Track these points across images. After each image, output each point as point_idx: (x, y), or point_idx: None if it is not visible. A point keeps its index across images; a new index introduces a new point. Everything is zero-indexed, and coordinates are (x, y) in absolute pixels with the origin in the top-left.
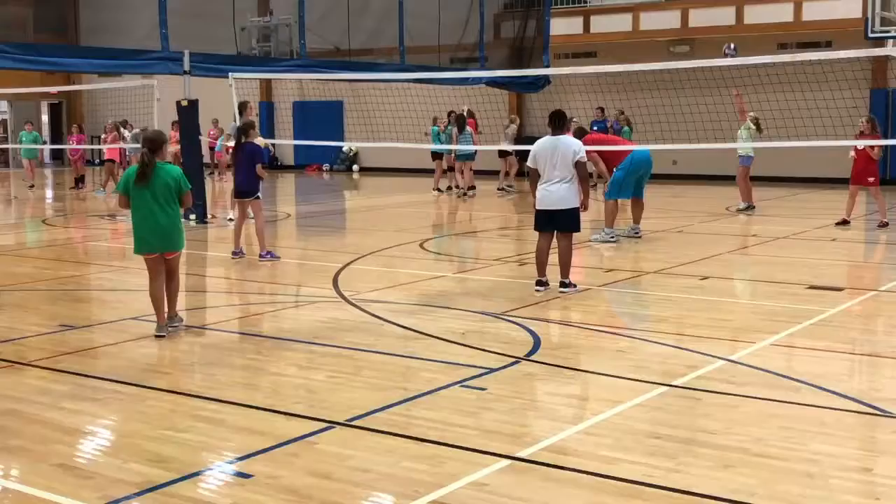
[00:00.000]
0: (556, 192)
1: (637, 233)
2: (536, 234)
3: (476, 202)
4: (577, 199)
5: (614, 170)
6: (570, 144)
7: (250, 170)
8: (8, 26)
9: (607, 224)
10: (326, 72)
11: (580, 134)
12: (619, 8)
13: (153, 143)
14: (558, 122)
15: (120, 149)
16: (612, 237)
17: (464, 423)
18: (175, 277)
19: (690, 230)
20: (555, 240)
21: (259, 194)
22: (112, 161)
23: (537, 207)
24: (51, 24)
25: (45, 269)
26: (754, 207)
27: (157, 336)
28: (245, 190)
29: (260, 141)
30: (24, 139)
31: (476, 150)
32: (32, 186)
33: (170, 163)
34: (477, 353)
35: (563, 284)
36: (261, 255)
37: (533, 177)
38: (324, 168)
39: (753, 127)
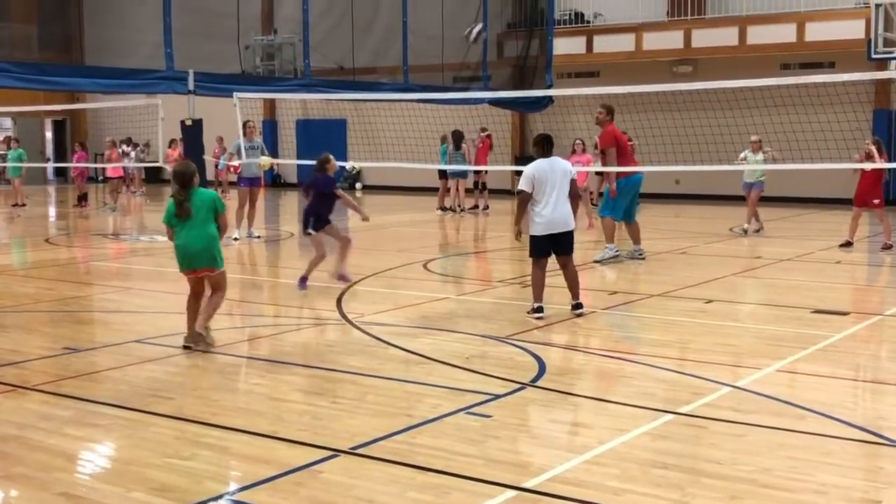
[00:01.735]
0: (560, 216)
1: (640, 254)
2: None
3: (479, 222)
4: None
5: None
6: (565, 165)
7: (317, 203)
8: (12, 45)
9: (608, 240)
10: (330, 91)
11: (609, 112)
12: (622, 28)
13: (183, 177)
14: (548, 146)
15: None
16: (616, 252)
17: (469, 452)
18: (218, 292)
19: (694, 251)
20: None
21: (311, 230)
22: (118, 178)
23: (540, 233)
24: (55, 43)
25: (48, 290)
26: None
27: (184, 346)
28: (308, 219)
29: (266, 160)
30: (11, 157)
31: (468, 170)
32: (16, 205)
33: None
34: (481, 378)
35: (578, 307)
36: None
37: (525, 202)
38: None
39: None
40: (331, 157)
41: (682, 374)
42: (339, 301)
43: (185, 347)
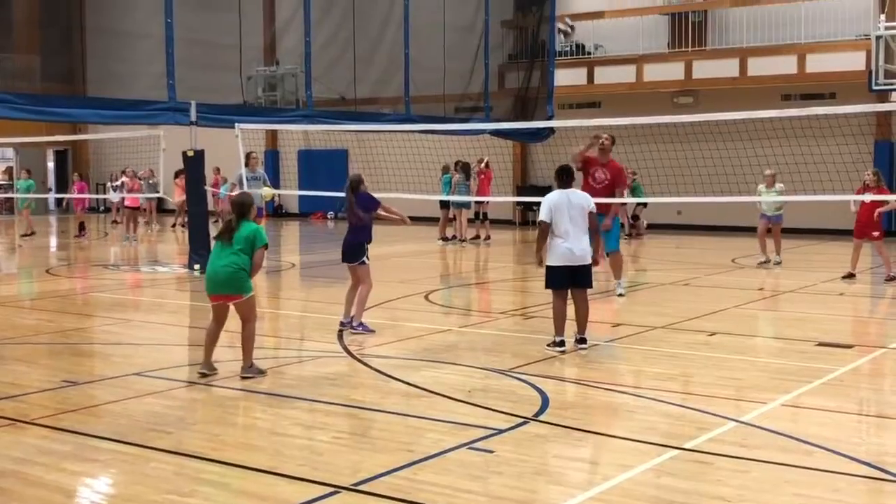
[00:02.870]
0: (577, 248)
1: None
2: (541, 286)
3: (480, 252)
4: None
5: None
6: (582, 196)
7: (359, 229)
8: (15, 76)
9: (620, 276)
10: (332, 122)
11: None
12: (623, 59)
13: (242, 207)
14: (566, 177)
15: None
16: (626, 285)
17: (472, 489)
18: (247, 325)
19: (697, 283)
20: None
21: (365, 259)
22: (134, 209)
23: (556, 264)
24: (58, 75)
25: (49, 322)
26: (769, 261)
27: (199, 373)
28: (348, 252)
29: (268, 191)
30: (20, 187)
31: (470, 200)
32: (24, 235)
33: (252, 220)
34: (484, 412)
35: (582, 341)
36: (353, 326)
37: (545, 231)
38: (328, 216)
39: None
40: (361, 177)
41: (686, 409)
42: (340, 333)
43: (201, 374)
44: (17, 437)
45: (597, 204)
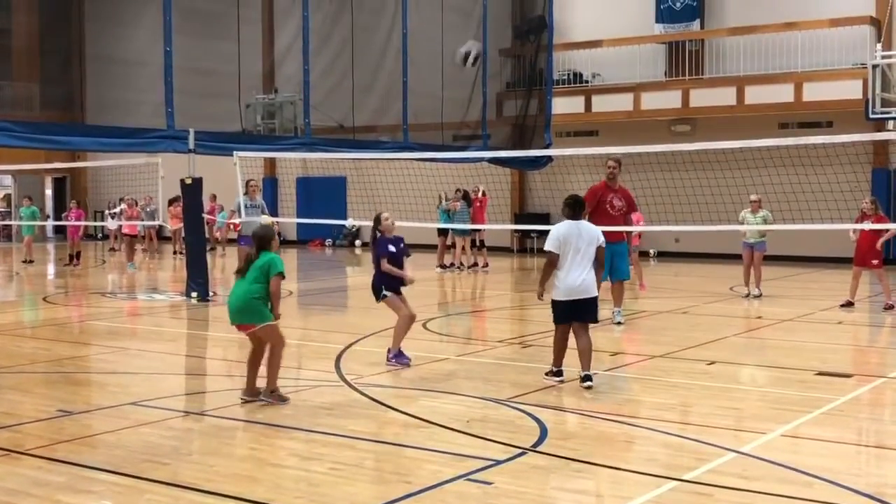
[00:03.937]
0: (582, 281)
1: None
2: (539, 314)
3: (478, 280)
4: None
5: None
6: (593, 230)
7: (377, 268)
8: (14, 104)
9: (620, 304)
10: (330, 150)
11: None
12: (621, 88)
13: (262, 240)
14: (578, 209)
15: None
16: (624, 313)
17: None
18: (273, 352)
19: (695, 311)
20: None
21: (385, 293)
22: (133, 236)
23: (561, 298)
24: (57, 103)
25: (45, 350)
26: (749, 294)
27: (241, 399)
28: (373, 290)
29: (266, 219)
30: (23, 214)
31: (471, 228)
32: (25, 262)
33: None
34: (482, 443)
35: (587, 378)
36: (388, 358)
37: (553, 262)
38: (326, 243)
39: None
40: (383, 215)
41: (685, 439)
42: (337, 362)
43: (242, 400)
44: (11, 468)
45: (614, 233)
